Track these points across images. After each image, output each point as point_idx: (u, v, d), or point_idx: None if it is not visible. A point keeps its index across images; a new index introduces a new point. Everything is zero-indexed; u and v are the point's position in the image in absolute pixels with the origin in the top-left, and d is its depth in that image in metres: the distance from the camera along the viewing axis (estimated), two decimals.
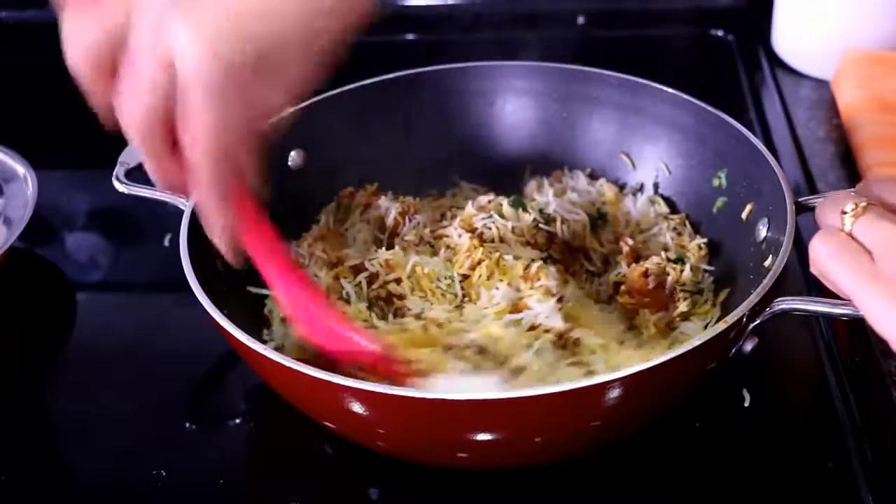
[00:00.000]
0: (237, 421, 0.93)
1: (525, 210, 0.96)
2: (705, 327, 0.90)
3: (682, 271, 0.92)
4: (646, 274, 0.92)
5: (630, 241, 0.97)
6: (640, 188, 1.07)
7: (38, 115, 1.40)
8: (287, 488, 0.85)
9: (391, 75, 1.09)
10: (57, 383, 0.98)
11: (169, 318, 1.03)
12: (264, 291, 0.94)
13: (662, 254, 0.95)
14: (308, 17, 0.69)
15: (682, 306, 0.91)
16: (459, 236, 0.94)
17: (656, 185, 1.06)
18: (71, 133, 1.34)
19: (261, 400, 0.93)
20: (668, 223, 1.02)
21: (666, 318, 0.91)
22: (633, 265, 0.94)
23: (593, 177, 1.09)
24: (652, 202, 1.05)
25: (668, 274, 0.92)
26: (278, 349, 0.84)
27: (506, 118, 1.11)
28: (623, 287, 0.93)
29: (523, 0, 1.49)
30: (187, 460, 0.88)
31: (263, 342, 0.85)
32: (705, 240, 0.99)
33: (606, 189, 1.06)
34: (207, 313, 0.80)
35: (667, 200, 1.05)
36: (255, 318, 0.93)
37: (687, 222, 1.02)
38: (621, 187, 1.08)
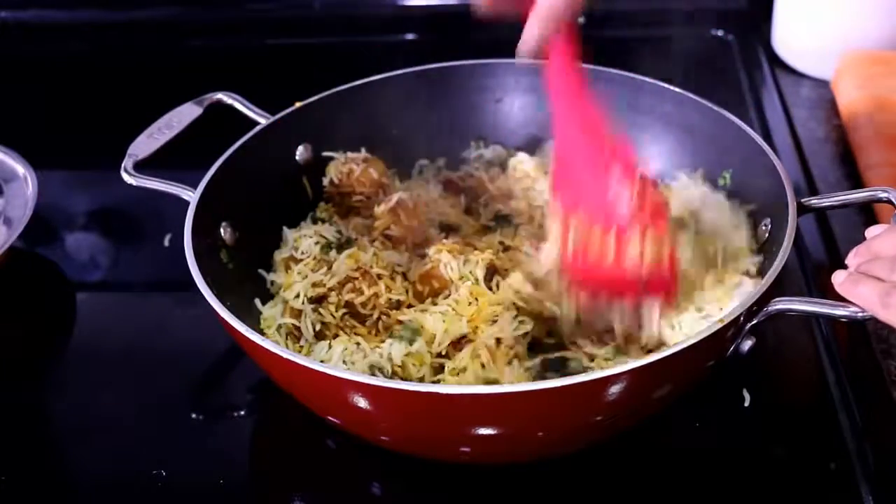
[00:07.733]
0: (239, 418, 0.93)
1: None
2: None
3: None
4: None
5: None
6: None
7: (38, 115, 1.40)
8: (290, 484, 0.86)
9: (398, 72, 1.09)
10: (57, 383, 0.98)
11: (169, 318, 1.03)
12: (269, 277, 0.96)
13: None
14: None
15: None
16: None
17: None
18: (71, 133, 1.35)
19: (263, 397, 0.93)
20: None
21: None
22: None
23: None
24: None
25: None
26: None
27: (512, 115, 1.12)
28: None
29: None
30: (188, 459, 0.88)
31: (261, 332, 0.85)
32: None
33: None
34: (208, 311, 0.80)
35: None
36: (258, 313, 0.93)
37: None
38: None
